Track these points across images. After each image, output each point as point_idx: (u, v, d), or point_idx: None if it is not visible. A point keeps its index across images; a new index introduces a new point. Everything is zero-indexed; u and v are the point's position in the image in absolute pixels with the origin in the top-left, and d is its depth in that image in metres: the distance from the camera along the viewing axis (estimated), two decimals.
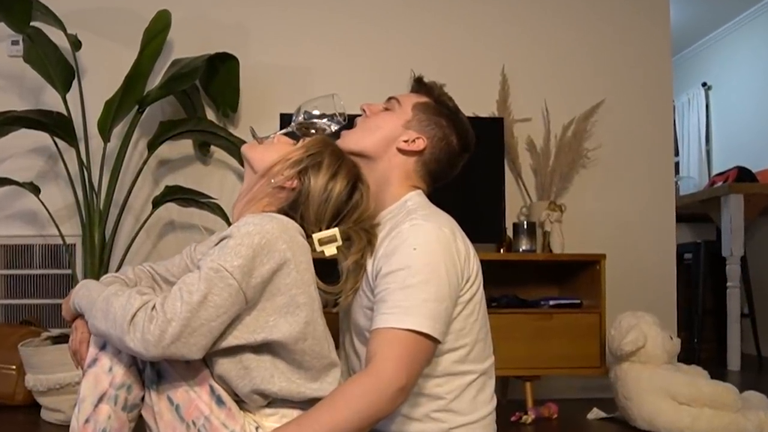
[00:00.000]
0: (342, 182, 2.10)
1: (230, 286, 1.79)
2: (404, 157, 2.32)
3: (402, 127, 2.33)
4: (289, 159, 2.11)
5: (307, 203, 2.06)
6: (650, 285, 4.57)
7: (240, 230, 1.86)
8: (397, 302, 2.00)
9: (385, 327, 1.98)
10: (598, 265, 3.86)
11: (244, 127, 4.33)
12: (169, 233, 4.29)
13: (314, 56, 4.47)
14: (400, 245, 2.07)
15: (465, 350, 2.18)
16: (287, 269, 1.88)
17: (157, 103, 4.00)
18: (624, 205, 4.63)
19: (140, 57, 3.83)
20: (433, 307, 2.00)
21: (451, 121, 2.37)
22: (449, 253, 2.08)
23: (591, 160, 4.57)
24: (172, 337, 1.74)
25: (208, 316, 1.77)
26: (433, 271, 2.03)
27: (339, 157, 2.15)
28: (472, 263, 2.18)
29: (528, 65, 4.62)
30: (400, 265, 2.04)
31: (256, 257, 1.83)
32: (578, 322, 3.83)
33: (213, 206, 3.89)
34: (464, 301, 2.15)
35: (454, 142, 2.36)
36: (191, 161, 4.34)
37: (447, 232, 2.11)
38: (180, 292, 1.79)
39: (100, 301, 1.86)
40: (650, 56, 4.73)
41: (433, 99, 2.39)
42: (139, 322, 1.75)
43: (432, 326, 1.99)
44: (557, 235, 4.15)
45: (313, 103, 2.38)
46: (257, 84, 4.36)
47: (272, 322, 1.88)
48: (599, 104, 4.57)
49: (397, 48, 4.53)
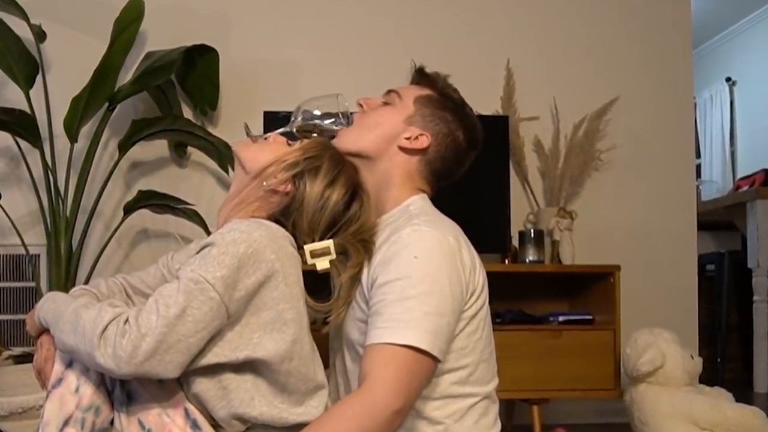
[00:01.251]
0: (340, 190, 2.09)
1: (211, 300, 1.78)
2: (407, 156, 2.31)
3: (403, 123, 2.31)
4: (285, 161, 2.10)
5: (300, 210, 2.06)
6: (669, 299, 4.58)
7: (224, 238, 1.85)
8: (394, 315, 1.97)
9: (381, 342, 1.95)
10: (612, 278, 3.87)
11: (223, 126, 4.33)
12: (143, 242, 4.29)
13: (302, 49, 4.48)
14: (399, 252, 2.05)
15: (467, 371, 2.16)
16: (275, 282, 1.88)
17: (129, 100, 4.00)
18: (640, 212, 4.64)
19: (110, 49, 3.83)
20: (433, 322, 1.98)
21: (457, 115, 2.35)
22: (453, 264, 2.07)
23: (604, 163, 4.58)
24: (146, 353, 1.72)
25: (186, 331, 1.76)
26: (434, 282, 2.01)
27: (339, 163, 2.15)
28: (477, 276, 2.16)
29: (535, 58, 4.63)
30: (399, 274, 2.02)
31: (241, 268, 1.82)
32: (590, 339, 3.83)
33: (190, 213, 3.89)
34: (468, 317, 2.13)
35: (460, 138, 2.35)
36: (166, 163, 4.35)
37: (452, 240, 2.10)
38: (156, 304, 1.77)
39: (69, 314, 1.84)
40: (669, 48, 4.75)
41: (437, 91, 2.37)
42: (111, 336, 1.73)
43: (432, 343, 1.96)
44: (567, 245, 4.16)
45: (314, 103, 2.37)
46: (239, 79, 4.37)
47: (256, 339, 1.87)
48: (613, 101, 4.58)
49: (392, 39, 4.54)
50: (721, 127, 8.31)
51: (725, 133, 8.27)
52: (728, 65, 8.25)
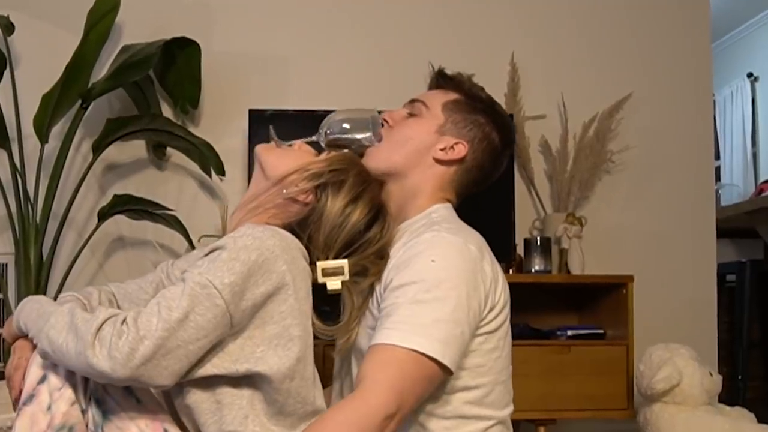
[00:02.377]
0: (362, 209, 2.12)
1: (216, 307, 1.80)
2: (443, 168, 2.34)
3: (435, 134, 2.34)
4: (309, 170, 2.13)
5: (318, 224, 2.08)
6: (686, 312, 4.59)
7: (236, 242, 1.87)
8: (403, 318, 1.99)
9: (384, 343, 1.97)
10: (625, 289, 3.87)
11: (206, 125, 4.34)
12: (118, 250, 4.30)
13: (291, 42, 4.48)
14: (416, 255, 2.08)
15: (482, 391, 2.17)
16: (284, 295, 1.90)
17: (104, 97, 4.00)
18: (655, 218, 4.65)
19: (84, 43, 3.84)
20: (446, 330, 1.99)
21: (489, 116, 2.39)
22: (473, 273, 2.09)
23: (616, 165, 4.59)
24: (143, 357, 1.73)
25: (187, 337, 1.77)
26: (451, 289, 2.03)
27: (364, 181, 2.18)
28: (499, 290, 2.18)
29: (542, 52, 4.64)
30: (414, 277, 2.04)
31: (250, 276, 1.84)
32: (601, 355, 3.84)
33: (169, 219, 3.90)
34: (487, 332, 2.15)
35: (496, 139, 2.39)
36: (144, 166, 4.35)
37: (473, 249, 2.12)
38: (158, 306, 1.79)
39: (62, 312, 1.85)
40: (686, 42, 4.76)
41: (464, 93, 2.40)
42: (107, 336, 1.74)
43: (442, 351, 1.97)
44: (576, 253, 4.17)
45: (346, 115, 2.40)
46: (222, 75, 4.38)
47: (259, 354, 1.88)
48: (626, 98, 4.58)
49: (387, 32, 4.55)
50: (742, 126, 8.32)
51: (746, 132, 8.28)
52: (750, 60, 8.27)
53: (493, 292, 2.15)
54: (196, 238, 3.93)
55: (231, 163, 4.15)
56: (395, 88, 4.37)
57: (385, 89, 4.34)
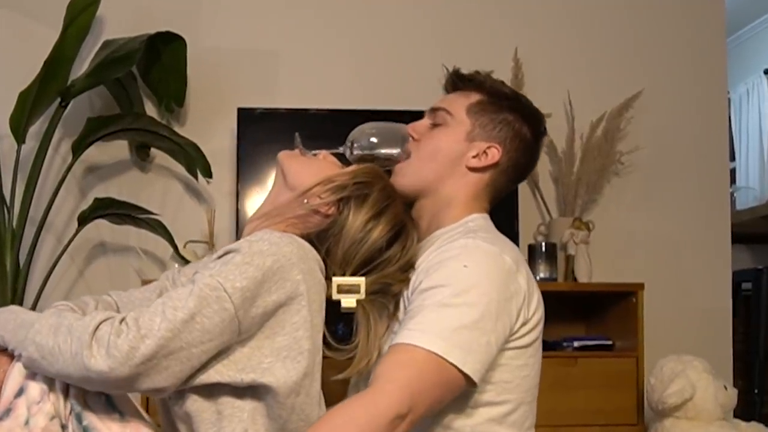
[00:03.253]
0: (384, 226, 2.14)
1: (225, 311, 1.82)
2: (477, 175, 2.36)
3: (465, 142, 2.35)
4: (333, 182, 2.15)
5: (338, 238, 2.10)
6: (700, 322, 4.59)
7: (251, 246, 1.89)
8: (427, 320, 2.00)
9: (404, 343, 1.98)
10: (635, 298, 3.88)
11: (192, 125, 4.35)
12: (99, 257, 4.30)
13: (282, 37, 4.49)
14: (448, 259, 2.11)
15: (506, 408, 2.18)
16: (297, 306, 1.91)
17: (85, 95, 4.01)
18: (666, 223, 4.65)
19: (63, 37, 3.84)
20: (470, 337, 2.00)
21: (516, 111, 2.40)
22: (505, 284, 2.10)
23: (626, 167, 4.60)
24: (143, 356, 1.74)
25: (192, 339, 1.79)
26: (481, 296, 2.04)
27: (389, 197, 2.20)
28: (533, 306, 2.19)
29: (547, 47, 4.65)
30: (443, 281, 2.06)
31: (263, 283, 1.86)
32: (610, 368, 3.85)
33: (154, 224, 3.90)
34: (517, 347, 2.16)
35: (527, 134, 2.40)
36: (126, 168, 4.35)
37: (508, 260, 2.14)
38: (163, 306, 1.80)
39: (47, 317, 1.85)
40: (699, 36, 4.76)
41: (486, 92, 2.40)
42: (104, 336, 1.75)
43: (463, 358, 1.98)
44: (583, 260, 4.17)
45: (376, 129, 2.44)
46: (209, 72, 4.38)
47: (266, 364, 1.89)
48: (636, 96, 4.58)
49: (383, 26, 4.56)
50: (759, 125, 8.32)
51: (763, 132, 8.28)
52: (766, 56, 8.27)
53: (527, 306, 2.16)
54: (181, 243, 3.93)
55: (218, 164, 4.15)
56: (392, 84, 4.40)
57: (382, 86, 4.36)
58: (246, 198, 4.03)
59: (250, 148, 4.03)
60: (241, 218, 4.02)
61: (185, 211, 4.31)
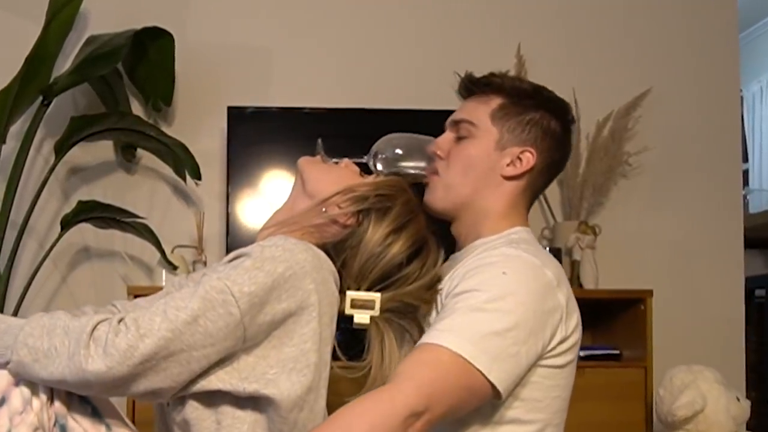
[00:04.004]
0: (404, 242, 2.12)
1: (230, 315, 1.81)
2: (513, 183, 2.35)
3: (496, 151, 2.33)
4: (354, 192, 2.15)
5: (355, 250, 2.10)
6: (711, 330, 4.59)
7: (263, 251, 1.89)
8: (458, 322, 2.00)
9: (430, 343, 1.98)
10: (643, 305, 3.89)
11: (180, 124, 4.35)
12: (83, 263, 4.30)
13: (274, 33, 4.49)
14: (487, 265, 2.11)
15: (533, 428, 2.17)
16: (307, 316, 1.91)
17: (68, 93, 4.02)
18: (676, 227, 4.65)
19: (45, 33, 3.84)
20: (500, 345, 2.00)
21: (541, 107, 2.38)
22: (543, 299, 2.11)
23: (633, 168, 4.60)
24: (142, 355, 1.74)
25: (193, 342, 1.79)
26: (517, 305, 2.04)
27: (411, 212, 2.19)
28: (571, 326, 2.18)
29: (552, 43, 4.65)
30: (479, 285, 2.06)
31: (274, 289, 1.86)
32: (617, 378, 3.85)
33: (140, 228, 3.90)
34: (552, 365, 2.16)
35: (557, 128, 2.39)
36: (112, 169, 4.36)
37: (550, 275, 2.15)
38: (165, 306, 1.81)
39: (37, 319, 1.84)
40: (711, 32, 4.76)
41: (506, 95, 2.38)
42: (102, 336, 1.75)
43: (489, 365, 1.97)
44: (589, 266, 4.18)
45: (402, 141, 2.45)
46: (198, 69, 4.39)
47: (272, 375, 1.89)
48: (644, 94, 4.59)
49: (381, 21, 4.57)
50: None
51: None
52: None
53: (564, 324, 2.15)
54: (169, 248, 3.94)
55: (208, 166, 4.14)
56: (391, 82, 4.40)
57: (379, 84, 4.36)
58: (236, 201, 4.04)
59: (240, 148, 4.04)
60: (232, 222, 4.03)
61: (173, 214, 4.31)
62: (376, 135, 2.50)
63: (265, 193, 4.05)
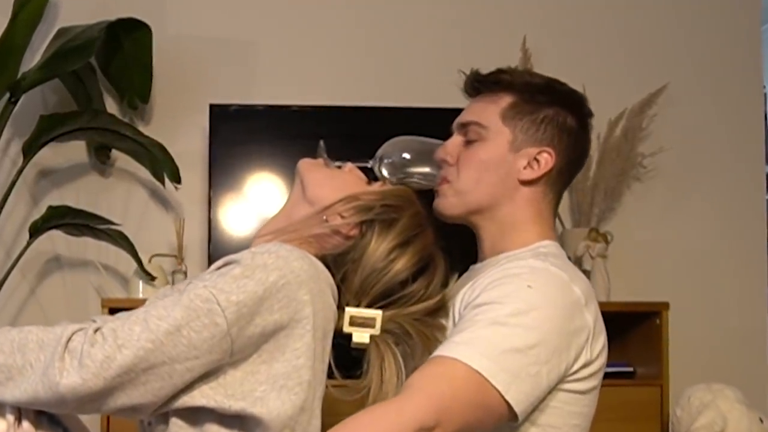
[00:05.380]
0: (410, 257, 2.11)
1: (216, 326, 1.79)
2: (532, 188, 2.33)
3: (510, 153, 2.31)
4: (358, 201, 2.14)
5: (357, 264, 2.08)
6: (732, 346, 4.60)
7: (255, 258, 1.88)
8: (476, 335, 1.99)
9: (444, 356, 1.97)
10: (659, 319, 3.89)
11: (158, 123, 4.35)
12: (54, 272, 4.30)
13: (260, 25, 4.50)
14: (511, 276, 2.10)
15: None
16: (301, 330, 1.89)
17: (37, 89, 4.02)
18: (695, 234, 4.66)
19: (12, 24, 3.84)
20: (520, 363, 1.99)
21: (555, 103, 2.37)
22: (570, 315, 2.10)
23: (648, 171, 4.60)
24: (120, 367, 1.72)
25: (176, 354, 1.77)
26: (541, 321, 2.03)
27: (419, 225, 2.17)
28: (596, 349, 2.17)
29: (560, 35, 4.66)
30: (501, 298, 2.05)
31: (264, 300, 1.84)
32: (631, 397, 3.85)
33: (115, 235, 3.90)
34: (574, 391, 2.15)
35: (573, 124, 2.37)
36: (84, 172, 4.36)
37: (578, 292, 2.14)
38: (145, 315, 1.79)
39: (5, 333, 1.81)
40: (732, 24, 4.77)
41: (517, 92, 2.36)
42: (78, 346, 1.73)
43: (507, 384, 1.96)
44: (601, 276, 4.18)
45: (410, 145, 2.44)
46: (178, 63, 4.39)
47: (260, 393, 1.87)
48: (660, 91, 4.58)
49: (374, 12, 4.57)
50: None
51: None
52: None
53: (590, 347, 2.14)
54: (146, 257, 3.94)
55: (188, 168, 4.14)
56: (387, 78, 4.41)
57: (375, 80, 4.36)
58: (219, 206, 4.04)
59: (224, 149, 4.04)
60: (214, 228, 4.02)
61: (151, 220, 4.31)
62: (371, 135, 2.49)
63: (251, 197, 4.05)
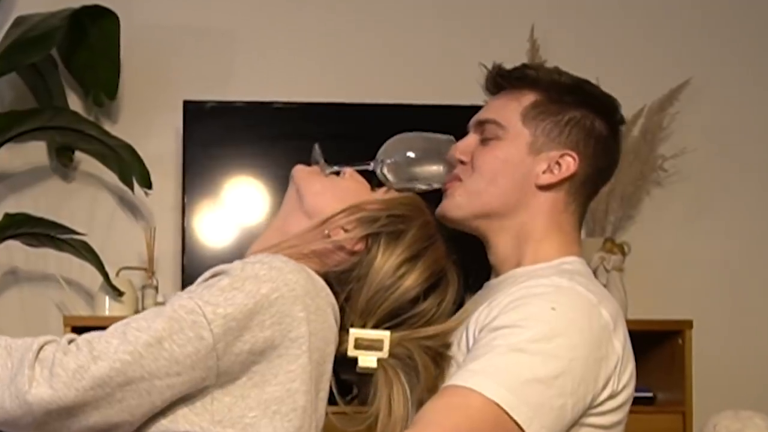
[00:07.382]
0: (421, 273, 2.09)
1: (201, 340, 1.77)
2: (551, 194, 2.31)
3: (529, 156, 2.30)
4: (361, 212, 2.12)
5: (362, 282, 2.07)
6: (762, 369, 4.60)
7: (245, 269, 1.86)
8: (495, 363, 1.97)
9: (460, 385, 1.95)
10: (681, 338, 3.90)
11: (126, 122, 4.35)
12: (11, 287, 4.30)
13: (238, 14, 4.50)
14: (533, 296, 2.08)
15: None
16: (296, 350, 1.88)
17: None
18: (721, 245, 4.66)
19: None
20: (543, 395, 1.97)
21: (583, 104, 2.35)
22: (598, 344, 2.08)
23: (669, 174, 4.61)
24: (93, 378, 1.70)
25: (155, 369, 1.75)
26: (566, 349, 2.02)
27: (430, 237, 2.16)
28: (624, 380, 2.16)
29: (570, 24, 4.67)
30: (522, 321, 2.03)
31: (255, 314, 1.82)
32: (651, 425, 3.86)
33: (79, 246, 3.90)
34: (598, 425, 2.14)
35: (602, 129, 2.35)
36: (45, 176, 4.36)
37: (607, 316, 2.12)
38: (124, 327, 1.78)
39: None
40: (760, 15, 4.78)
41: (541, 90, 2.35)
42: (49, 356, 1.71)
43: (529, 418, 1.94)
44: (617, 291, 4.18)
45: (415, 143, 2.40)
46: (148, 56, 4.39)
47: (250, 420, 1.85)
48: (682, 87, 4.59)
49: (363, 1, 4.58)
50: None
51: None
52: None
53: (617, 376, 2.13)
54: (113, 271, 3.93)
55: (159, 172, 4.14)
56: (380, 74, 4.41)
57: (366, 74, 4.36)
58: (193, 213, 4.04)
59: (198, 151, 4.04)
60: (188, 239, 4.02)
61: (118, 230, 4.31)
62: (362, 134, 2.50)
63: (229, 204, 4.05)
